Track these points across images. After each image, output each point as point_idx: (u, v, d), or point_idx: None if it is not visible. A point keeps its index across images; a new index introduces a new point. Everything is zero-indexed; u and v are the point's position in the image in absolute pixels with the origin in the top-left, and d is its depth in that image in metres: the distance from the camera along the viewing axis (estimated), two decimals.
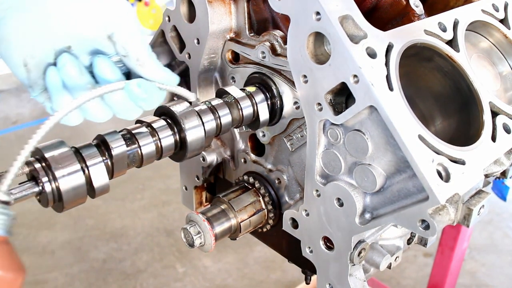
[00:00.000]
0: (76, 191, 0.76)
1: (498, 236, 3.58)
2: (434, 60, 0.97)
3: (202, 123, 0.91)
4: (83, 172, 0.76)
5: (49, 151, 0.74)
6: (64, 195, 0.75)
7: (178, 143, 0.90)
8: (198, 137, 0.90)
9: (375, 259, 1.03)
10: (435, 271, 2.47)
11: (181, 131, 0.89)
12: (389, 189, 0.84)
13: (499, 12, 1.08)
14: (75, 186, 0.75)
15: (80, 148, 0.79)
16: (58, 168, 0.73)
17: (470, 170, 0.80)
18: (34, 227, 3.59)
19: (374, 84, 0.77)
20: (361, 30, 0.82)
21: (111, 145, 0.80)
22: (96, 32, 0.80)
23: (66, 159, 0.75)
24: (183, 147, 0.90)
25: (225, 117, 0.96)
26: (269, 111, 1.02)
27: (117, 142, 0.81)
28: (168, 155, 0.91)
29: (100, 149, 0.80)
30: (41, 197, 0.76)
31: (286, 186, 1.10)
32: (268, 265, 3.25)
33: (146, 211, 3.79)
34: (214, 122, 0.94)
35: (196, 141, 0.90)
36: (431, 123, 1.02)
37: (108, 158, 0.80)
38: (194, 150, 0.91)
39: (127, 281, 3.13)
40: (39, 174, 0.73)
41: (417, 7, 0.99)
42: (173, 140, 0.89)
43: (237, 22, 1.07)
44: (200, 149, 0.92)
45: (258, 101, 1.00)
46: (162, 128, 0.88)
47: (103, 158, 0.80)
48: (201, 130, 0.91)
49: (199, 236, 1.03)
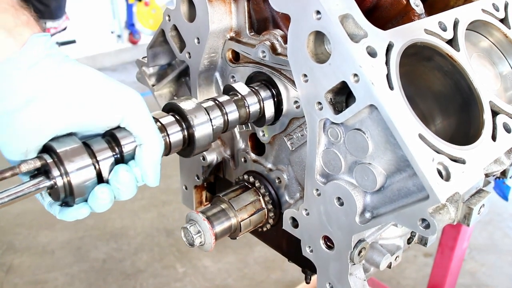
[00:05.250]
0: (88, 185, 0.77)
1: (498, 236, 3.58)
2: (434, 59, 0.97)
3: (210, 120, 0.92)
4: (94, 167, 0.77)
5: (61, 146, 0.75)
6: (76, 189, 0.75)
7: (186, 139, 0.91)
8: (206, 133, 0.91)
9: (375, 258, 1.04)
10: (435, 271, 2.47)
11: (189, 127, 0.90)
12: (389, 188, 0.84)
13: (499, 12, 1.08)
14: (86, 180, 0.76)
15: (90, 143, 0.79)
16: (70, 163, 0.74)
17: (470, 169, 0.80)
18: (34, 227, 3.59)
19: (375, 83, 0.77)
20: (361, 29, 0.82)
21: (121, 142, 0.80)
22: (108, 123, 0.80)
23: (77, 153, 0.75)
24: (191, 143, 0.91)
25: (232, 113, 0.97)
26: (274, 108, 1.02)
27: (128, 139, 0.81)
28: (176, 151, 0.92)
29: (110, 144, 0.81)
30: (52, 191, 0.77)
31: (286, 185, 1.10)
32: (268, 265, 3.25)
33: (146, 211, 3.79)
34: (221, 119, 0.95)
35: (204, 137, 0.91)
36: (431, 122, 1.02)
37: (119, 154, 0.81)
38: (202, 146, 0.92)
39: (127, 281, 3.13)
40: (51, 169, 0.74)
41: (417, 6, 0.99)
42: (182, 136, 0.90)
43: (238, 21, 1.07)
44: (207, 145, 0.93)
45: (264, 97, 1.01)
46: (171, 124, 0.89)
47: (113, 153, 0.80)
48: (209, 127, 0.92)
49: (199, 235, 1.03)
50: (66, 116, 0.75)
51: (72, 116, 0.76)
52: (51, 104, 0.74)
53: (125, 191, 0.79)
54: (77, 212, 0.79)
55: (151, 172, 0.82)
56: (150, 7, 7.00)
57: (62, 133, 0.76)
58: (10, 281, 3.12)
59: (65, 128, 0.76)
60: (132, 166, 0.80)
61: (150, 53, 1.24)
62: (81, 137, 0.80)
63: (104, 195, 0.77)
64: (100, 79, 0.79)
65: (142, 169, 0.81)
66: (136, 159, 0.81)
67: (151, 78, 1.29)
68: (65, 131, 0.76)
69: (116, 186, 0.78)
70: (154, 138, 0.82)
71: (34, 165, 0.74)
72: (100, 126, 0.80)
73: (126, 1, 6.80)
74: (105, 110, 0.78)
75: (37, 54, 0.74)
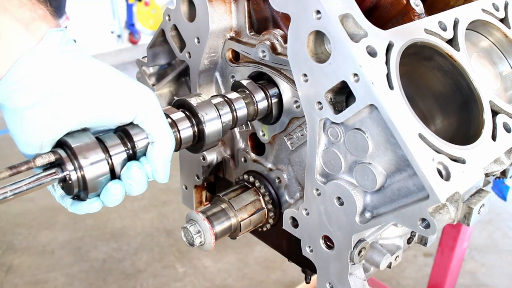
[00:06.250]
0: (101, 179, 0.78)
1: (498, 236, 3.58)
2: (435, 59, 0.97)
3: (220, 116, 0.93)
4: (107, 162, 0.78)
5: (75, 141, 0.76)
6: (89, 184, 0.76)
7: (196, 135, 0.92)
8: (216, 129, 0.93)
9: (375, 258, 1.03)
10: (435, 271, 2.47)
11: (199, 123, 0.91)
12: (389, 188, 0.84)
13: (499, 12, 1.08)
14: (99, 175, 0.77)
15: (103, 138, 0.80)
16: (84, 158, 0.75)
17: (470, 169, 0.80)
18: (34, 227, 3.59)
19: (375, 82, 0.77)
20: (361, 29, 0.82)
21: (134, 138, 0.81)
22: (122, 119, 0.81)
23: (91, 148, 0.76)
24: (201, 139, 0.92)
25: (241, 110, 0.98)
26: (278, 106, 1.04)
27: (141, 135, 0.82)
28: (185, 147, 0.93)
29: (123, 140, 0.81)
30: (65, 185, 0.78)
31: (286, 185, 1.10)
32: (268, 265, 3.25)
33: (146, 211, 3.79)
34: (230, 115, 0.96)
35: (213, 133, 0.92)
36: (431, 122, 1.02)
37: (131, 150, 0.82)
38: (211, 143, 0.94)
39: (127, 281, 3.13)
40: (65, 163, 0.75)
41: (417, 6, 0.99)
42: (192, 132, 0.91)
43: (238, 21, 1.07)
44: (217, 141, 0.95)
45: (271, 94, 1.01)
46: (181, 120, 0.90)
47: (125, 149, 0.81)
48: (219, 123, 0.93)
49: (199, 235, 1.03)
50: (82, 112, 0.76)
51: (87, 112, 0.76)
52: (67, 100, 0.74)
53: (136, 187, 0.81)
54: (89, 206, 0.80)
55: (162, 169, 0.83)
56: (150, 7, 7.00)
57: (76, 128, 0.77)
58: (10, 281, 3.12)
59: (80, 124, 0.77)
60: (143, 163, 0.82)
61: (150, 53, 1.24)
62: (93, 132, 0.80)
63: (117, 191, 0.79)
64: (116, 76, 0.79)
65: (153, 166, 0.82)
66: (148, 156, 0.83)
67: (151, 78, 1.29)
68: (79, 126, 0.78)
69: (128, 182, 0.80)
70: (166, 137, 0.83)
71: (48, 159, 0.75)
72: (114, 122, 0.81)
73: (126, 1, 6.80)
74: (120, 106, 0.79)
75: (54, 50, 0.74)
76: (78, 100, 0.75)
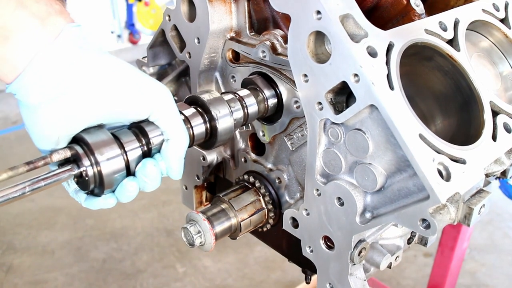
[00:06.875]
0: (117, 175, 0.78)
1: (498, 236, 3.58)
2: (435, 59, 0.97)
3: (231, 113, 0.94)
4: (123, 158, 0.78)
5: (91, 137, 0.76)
6: (106, 180, 0.77)
7: (209, 132, 0.92)
8: (228, 126, 0.94)
9: (375, 258, 1.03)
10: (435, 271, 2.47)
11: (212, 120, 0.92)
12: (390, 188, 0.83)
13: (500, 12, 1.08)
14: (115, 171, 0.77)
15: (118, 135, 0.80)
16: (100, 154, 0.75)
17: (470, 169, 0.80)
18: (34, 227, 3.59)
19: (375, 83, 0.77)
20: (361, 29, 0.82)
21: (149, 135, 0.82)
22: (138, 116, 0.81)
23: (107, 144, 0.77)
24: (213, 136, 0.93)
25: (252, 107, 0.99)
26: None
27: (156, 132, 0.82)
28: (198, 143, 0.94)
29: (138, 137, 0.82)
30: (81, 181, 0.79)
31: (287, 185, 1.10)
32: (268, 265, 3.25)
33: (146, 211, 3.79)
34: (241, 112, 0.97)
35: (225, 129, 0.93)
36: (431, 122, 1.02)
37: (146, 146, 0.82)
38: (223, 140, 0.94)
39: (127, 281, 3.13)
40: (82, 159, 0.75)
41: (417, 6, 0.99)
42: (204, 128, 0.91)
43: (238, 21, 1.07)
44: (228, 138, 0.96)
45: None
46: (194, 116, 0.90)
47: (140, 145, 0.81)
48: (231, 119, 0.94)
49: (199, 236, 1.03)
50: (98, 109, 0.76)
51: (103, 108, 0.77)
52: (84, 96, 0.74)
53: (151, 184, 0.82)
54: (104, 202, 0.81)
55: (176, 166, 0.84)
56: (150, 7, 7.00)
57: (92, 124, 0.78)
58: (10, 281, 3.12)
59: (96, 120, 0.77)
60: (158, 160, 0.82)
61: (150, 53, 1.24)
62: (108, 128, 0.81)
63: (133, 188, 0.80)
64: (132, 73, 0.79)
65: (167, 163, 0.83)
66: (163, 154, 0.83)
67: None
68: (95, 122, 0.78)
69: (143, 179, 0.80)
70: (181, 135, 0.84)
71: (65, 154, 0.75)
72: (129, 119, 0.81)
73: (126, 1, 6.80)
74: (137, 103, 0.79)
75: (71, 46, 0.73)
76: (95, 96, 0.75)
